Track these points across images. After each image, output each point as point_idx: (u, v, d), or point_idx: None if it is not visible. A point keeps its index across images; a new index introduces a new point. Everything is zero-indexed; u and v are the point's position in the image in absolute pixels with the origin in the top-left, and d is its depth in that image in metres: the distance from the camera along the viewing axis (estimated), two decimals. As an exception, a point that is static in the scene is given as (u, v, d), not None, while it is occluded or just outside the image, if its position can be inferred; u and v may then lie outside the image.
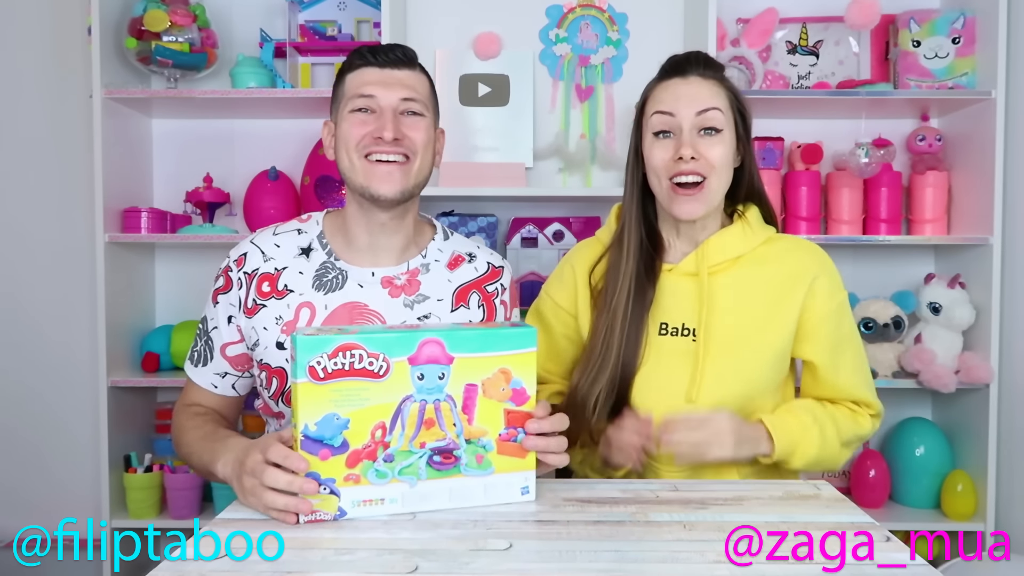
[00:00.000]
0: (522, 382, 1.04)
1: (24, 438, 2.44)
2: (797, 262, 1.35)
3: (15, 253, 2.43)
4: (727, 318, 1.32)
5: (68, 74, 2.39)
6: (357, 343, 0.97)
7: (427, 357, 1.00)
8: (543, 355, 1.45)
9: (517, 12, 2.37)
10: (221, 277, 1.34)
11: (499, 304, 1.38)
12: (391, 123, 1.24)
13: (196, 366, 1.37)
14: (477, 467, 1.04)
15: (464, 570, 0.86)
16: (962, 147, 2.26)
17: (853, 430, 1.34)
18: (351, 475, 0.99)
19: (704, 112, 1.27)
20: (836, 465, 1.34)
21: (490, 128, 2.35)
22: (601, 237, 1.45)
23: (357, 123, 1.26)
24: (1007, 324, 2.18)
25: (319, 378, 0.97)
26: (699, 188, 1.28)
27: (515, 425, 1.05)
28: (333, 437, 0.98)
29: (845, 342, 1.35)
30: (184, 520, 2.21)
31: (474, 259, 1.38)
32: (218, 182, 2.32)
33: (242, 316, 1.31)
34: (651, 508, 1.06)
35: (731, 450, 1.24)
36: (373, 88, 1.25)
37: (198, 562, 0.87)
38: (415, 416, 1.00)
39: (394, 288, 1.31)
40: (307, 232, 1.34)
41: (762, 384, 1.32)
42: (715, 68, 1.33)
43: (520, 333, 1.04)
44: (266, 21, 2.38)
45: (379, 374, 0.98)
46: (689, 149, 1.26)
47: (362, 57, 1.28)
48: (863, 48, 2.34)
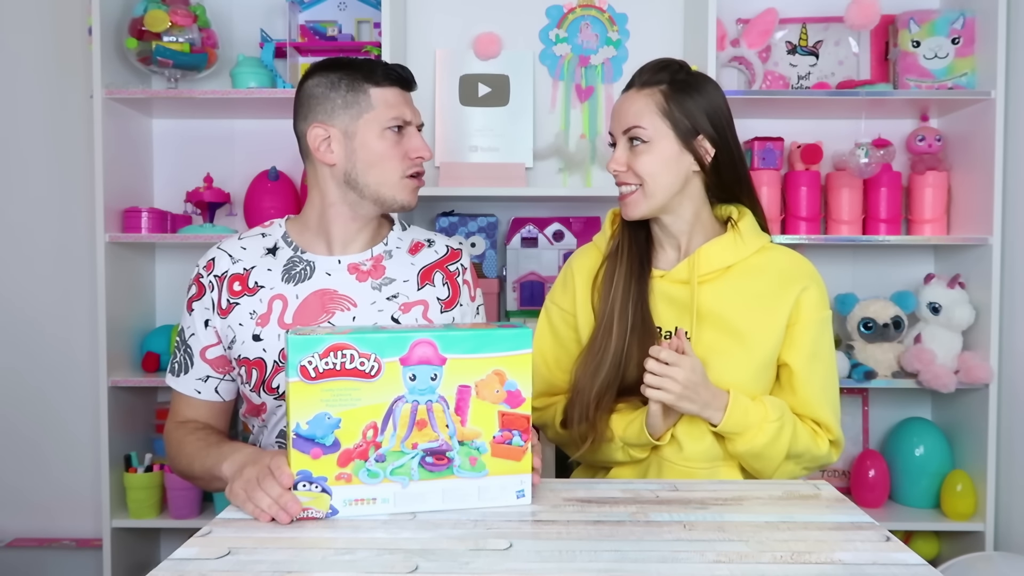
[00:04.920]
0: (517, 384, 1.03)
1: (24, 438, 2.44)
2: (788, 273, 1.37)
3: (15, 253, 2.43)
4: (716, 326, 1.34)
5: (68, 74, 2.39)
6: (348, 343, 0.98)
7: (419, 358, 1.00)
8: (554, 366, 1.47)
9: (517, 12, 2.37)
10: (193, 285, 1.37)
11: (462, 283, 1.43)
12: (424, 143, 1.34)
13: (178, 376, 1.39)
14: (470, 469, 1.04)
15: (464, 570, 0.86)
16: (962, 147, 2.26)
17: (808, 446, 1.33)
18: (343, 474, 1.00)
19: (629, 130, 1.34)
20: (777, 472, 1.32)
21: (490, 128, 2.35)
22: (598, 243, 1.48)
23: (394, 143, 1.32)
24: (1007, 324, 2.18)
25: (310, 378, 0.97)
26: (634, 193, 1.35)
27: (510, 428, 1.04)
28: (324, 436, 0.99)
29: (821, 357, 1.36)
30: (184, 520, 2.21)
31: (433, 244, 1.44)
32: (218, 182, 2.33)
33: (217, 317, 1.34)
34: (651, 508, 1.06)
35: (697, 409, 1.27)
36: (407, 110, 1.33)
37: (198, 562, 0.88)
38: (407, 417, 1.00)
39: (360, 273, 1.36)
40: (271, 235, 1.39)
41: (750, 392, 1.32)
42: (658, 73, 1.34)
43: (515, 334, 1.03)
44: (266, 21, 2.38)
45: (371, 374, 0.98)
46: (614, 163, 1.36)
47: (388, 76, 1.33)
48: (863, 48, 2.34)
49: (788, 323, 1.35)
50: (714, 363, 1.32)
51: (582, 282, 1.44)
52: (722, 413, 1.27)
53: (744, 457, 1.31)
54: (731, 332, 1.33)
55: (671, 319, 1.37)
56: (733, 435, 1.29)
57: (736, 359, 1.33)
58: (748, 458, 1.31)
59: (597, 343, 1.35)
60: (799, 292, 1.35)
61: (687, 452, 1.33)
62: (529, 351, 1.04)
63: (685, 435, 1.33)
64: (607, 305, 1.36)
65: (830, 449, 1.36)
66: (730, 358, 1.33)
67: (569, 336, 1.46)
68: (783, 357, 1.36)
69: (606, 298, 1.37)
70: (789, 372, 1.36)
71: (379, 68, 1.33)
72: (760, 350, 1.34)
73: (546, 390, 1.47)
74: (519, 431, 1.05)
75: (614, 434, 1.33)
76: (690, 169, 1.34)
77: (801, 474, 1.36)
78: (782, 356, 1.36)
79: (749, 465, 1.33)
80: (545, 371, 1.47)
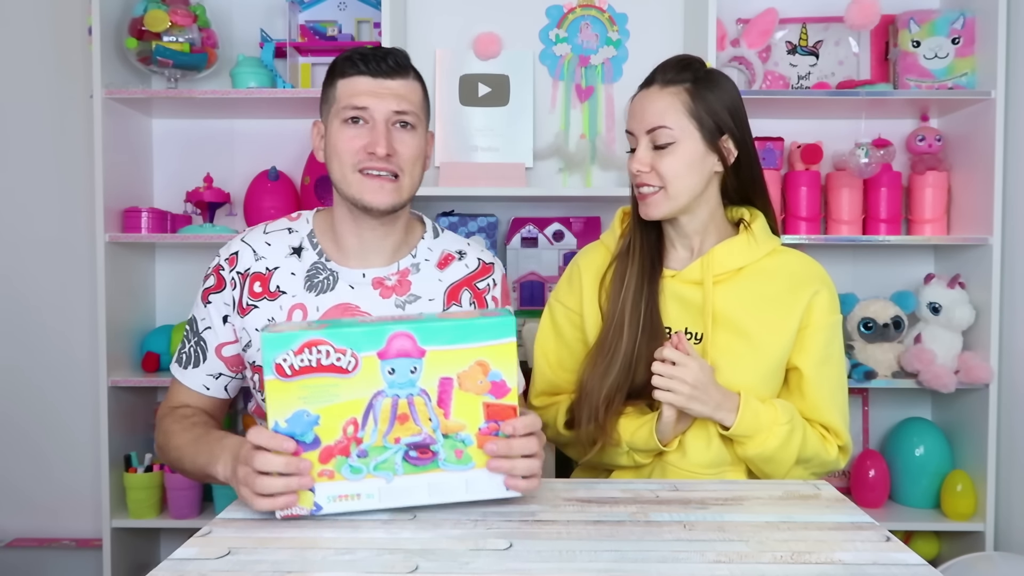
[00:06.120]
0: (501, 374, 1.00)
1: (24, 438, 2.44)
2: (799, 276, 1.36)
3: (15, 253, 2.42)
4: (728, 328, 1.33)
5: (68, 74, 2.39)
6: (323, 339, 0.96)
7: (397, 351, 0.98)
8: (556, 366, 1.45)
9: (517, 12, 2.37)
10: (212, 276, 1.33)
11: (490, 300, 1.37)
12: (384, 138, 1.23)
13: (186, 368, 1.34)
14: (456, 462, 1.01)
15: (464, 570, 0.86)
16: (962, 147, 2.25)
17: (817, 451, 1.32)
18: (325, 471, 0.99)
19: (652, 131, 1.30)
20: (786, 475, 1.32)
21: (490, 128, 2.35)
22: (606, 241, 1.46)
23: (349, 136, 1.25)
24: (1007, 324, 2.18)
25: (286, 375, 0.96)
26: (656, 194, 1.32)
27: (496, 419, 1.01)
28: (304, 434, 0.97)
29: (832, 362, 1.36)
30: (184, 520, 2.21)
31: (464, 256, 1.38)
32: (218, 182, 2.33)
33: (236, 316, 1.31)
34: (651, 508, 1.06)
35: (709, 411, 1.26)
36: (365, 99, 1.24)
37: (198, 562, 0.87)
38: (388, 411, 0.99)
39: (385, 289, 1.31)
40: (297, 231, 1.34)
41: (759, 395, 1.32)
42: (681, 72, 1.31)
43: (497, 323, 1.00)
44: (266, 21, 2.38)
45: (347, 369, 0.97)
46: (637, 163, 1.32)
47: (354, 65, 1.25)
48: (863, 48, 2.34)
49: (799, 327, 1.34)
50: (724, 365, 1.31)
51: (589, 281, 1.42)
52: (734, 415, 1.26)
53: (755, 461, 1.30)
54: (741, 334, 1.32)
55: (681, 320, 1.35)
56: (744, 438, 1.28)
57: (746, 362, 1.32)
58: (759, 462, 1.30)
59: (606, 344, 1.33)
60: (811, 296, 1.34)
61: (691, 458, 1.32)
62: (512, 339, 1.00)
63: (691, 441, 1.32)
64: (617, 305, 1.34)
65: (839, 455, 1.35)
66: (740, 361, 1.32)
67: (574, 335, 1.44)
68: (793, 361, 1.35)
69: (616, 298, 1.35)
70: (799, 376, 1.35)
71: (350, 57, 1.26)
72: (770, 353, 1.33)
73: (548, 390, 1.46)
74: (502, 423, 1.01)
75: (620, 438, 1.32)
76: (712, 170, 1.33)
77: (809, 479, 1.34)
78: (792, 360, 1.35)
79: (759, 469, 1.32)
80: (548, 370, 1.46)
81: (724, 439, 1.31)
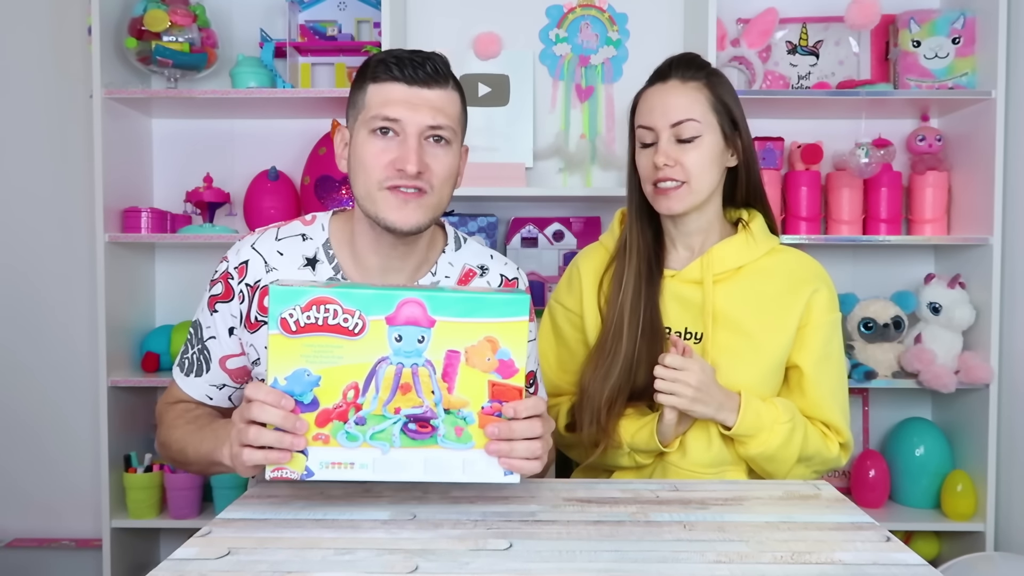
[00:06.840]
0: (510, 353, 0.96)
1: (24, 438, 2.44)
2: (799, 275, 1.36)
3: (15, 253, 2.42)
4: (728, 327, 1.33)
5: (68, 74, 2.39)
6: (332, 297, 0.94)
7: (406, 318, 0.95)
8: (556, 368, 1.46)
9: (517, 12, 2.37)
10: (220, 284, 1.25)
11: None
12: (415, 153, 1.13)
13: (188, 375, 1.28)
14: (456, 440, 0.97)
15: (464, 570, 0.86)
16: (962, 147, 2.25)
17: (819, 449, 1.32)
18: (320, 435, 0.96)
19: (678, 124, 1.29)
20: (788, 476, 1.32)
21: (490, 128, 2.34)
22: (605, 242, 1.46)
23: (377, 149, 1.15)
24: (1007, 324, 2.17)
25: (291, 331, 0.94)
26: (678, 188, 1.31)
27: (500, 399, 0.97)
28: (303, 394, 0.95)
29: (831, 359, 1.36)
30: (184, 520, 2.21)
31: (486, 272, 1.29)
32: (218, 182, 2.32)
33: (244, 330, 1.24)
34: (651, 508, 1.06)
35: (712, 412, 1.26)
36: (398, 109, 1.13)
37: (198, 562, 0.87)
38: (391, 379, 0.96)
39: None
40: (312, 238, 1.25)
41: (760, 393, 1.32)
42: (698, 69, 1.33)
43: (511, 300, 0.96)
44: (266, 21, 2.38)
45: (354, 331, 0.94)
46: (663, 157, 1.30)
47: (388, 69, 1.14)
48: (863, 48, 2.34)
49: (799, 325, 1.34)
50: (724, 365, 1.31)
51: (589, 282, 1.42)
52: (735, 415, 1.26)
53: (756, 460, 1.30)
54: (741, 333, 1.33)
55: (681, 319, 1.35)
56: (746, 438, 1.28)
57: (746, 361, 1.32)
58: (761, 461, 1.30)
59: (607, 346, 1.33)
60: (810, 294, 1.34)
61: (691, 458, 1.32)
62: (525, 318, 0.96)
63: (692, 441, 1.32)
64: (616, 307, 1.34)
65: (840, 452, 1.35)
66: (740, 360, 1.32)
67: (574, 336, 1.44)
68: (793, 359, 1.35)
69: (615, 300, 1.35)
70: (799, 374, 1.35)
71: (384, 59, 1.16)
72: (770, 352, 1.33)
73: (548, 391, 1.45)
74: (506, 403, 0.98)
75: (622, 440, 1.32)
76: (725, 165, 1.34)
77: (811, 478, 1.34)
78: (792, 358, 1.35)
79: (761, 468, 1.32)
80: (548, 372, 1.46)
81: (725, 439, 1.32)
